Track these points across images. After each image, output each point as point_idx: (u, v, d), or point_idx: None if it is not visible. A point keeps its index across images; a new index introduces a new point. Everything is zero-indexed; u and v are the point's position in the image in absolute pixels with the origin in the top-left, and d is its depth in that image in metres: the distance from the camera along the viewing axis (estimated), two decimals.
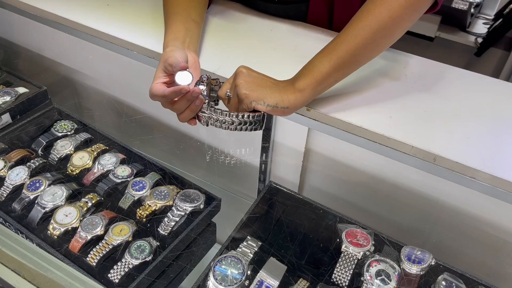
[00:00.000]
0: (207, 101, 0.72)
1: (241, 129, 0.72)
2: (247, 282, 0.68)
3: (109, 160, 0.91)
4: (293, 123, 0.85)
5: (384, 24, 0.67)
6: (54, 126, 1.00)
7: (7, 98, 1.05)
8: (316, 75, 0.70)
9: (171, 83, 0.72)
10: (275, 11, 1.01)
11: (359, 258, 0.72)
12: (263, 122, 0.73)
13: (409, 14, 0.68)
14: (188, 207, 0.81)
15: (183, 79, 0.70)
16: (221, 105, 0.77)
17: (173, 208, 0.82)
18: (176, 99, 0.72)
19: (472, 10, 1.84)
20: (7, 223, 0.81)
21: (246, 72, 0.72)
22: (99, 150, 0.94)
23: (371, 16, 0.67)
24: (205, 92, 0.72)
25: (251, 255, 0.73)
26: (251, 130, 0.73)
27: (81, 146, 0.96)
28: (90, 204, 0.82)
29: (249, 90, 0.70)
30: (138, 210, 0.82)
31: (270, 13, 1.02)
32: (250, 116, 0.71)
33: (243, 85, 0.70)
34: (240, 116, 0.70)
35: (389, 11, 0.66)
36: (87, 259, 0.74)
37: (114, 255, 0.75)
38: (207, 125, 0.73)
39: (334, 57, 0.70)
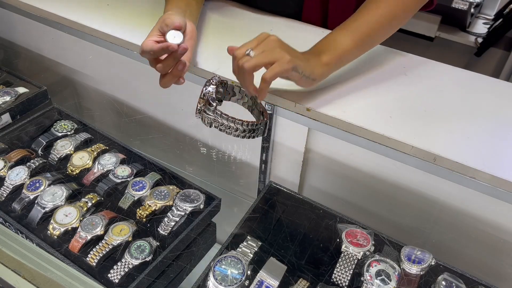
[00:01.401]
0: (215, 104, 0.72)
1: (243, 137, 0.72)
2: (247, 282, 0.68)
3: (109, 160, 0.91)
4: (293, 123, 0.85)
5: None
6: (54, 126, 1.00)
7: (7, 98, 1.05)
8: (339, 52, 0.73)
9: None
10: (273, 7, 1.01)
11: (359, 258, 0.72)
12: (265, 129, 0.74)
13: None
14: (188, 207, 0.81)
15: (174, 38, 0.72)
16: (224, 109, 0.77)
17: (173, 208, 0.82)
18: (163, 58, 0.73)
19: (472, 10, 1.84)
20: (7, 223, 0.81)
21: (279, 39, 0.69)
22: (99, 150, 0.94)
23: None
24: (213, 94, 0.72)
25: (251, 255, 0.73)
26: (253, 137, 0.73)
27: (81, 146, 0.96)
28: (90, 204, 0.82)
29: (288, 54, 0.67)
30: (138, 210, 0.82)
31: (267, 9, 1.02)
32: (255, 124, 0.71)
33: (281, 46, 0.68)
34: (245, 124, 0.70)
35: None
36: (87, 259, 0.74)
37: (114, 255, 0.75)
38: (210, 127, 0.73)
39: (357, 35, 0.73)
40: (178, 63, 0.75)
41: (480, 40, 1.92)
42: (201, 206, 0.83)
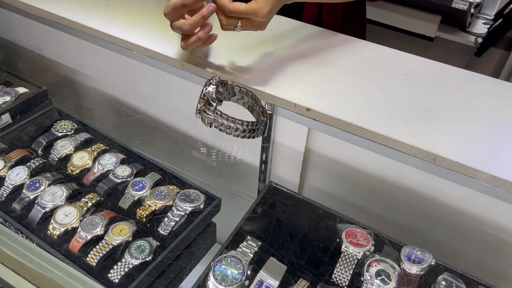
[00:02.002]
0: (215, 104, 0.72)
1: (243, 137, 0.72)
2: (247, 282, 0.68)
3: (109, 160, 0.91)
4: (293, 123, 0.85)
5: None
6: (54, 126, 1.00)
7: (7, 98, 1.05)
8: None
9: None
10: None
11: (359, 258, 0.72)
12: (265, 129, 0.74)
13: None
14: (188, 207, 0.81)
15: None
16: (224, 109, 0.77)
17: (173, 208, 0.82)
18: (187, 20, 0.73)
19: (472, 10, 1.84)
20: (7, 223, 0.81)
21: (267, 21, 0.75)
22: (99, 150, 0.94)
23: None
24: (214, 95, 0.72)
25: (251, 255, 0.73)
26: (253, 137, 0.73)
27: (81, 146, 0.96)
28: (90, 204, 0.82)
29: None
30: (138, 210, 0.82)
31: None
32: (255, 124, 0.71)
33: (264, 26, 0.75)
34: (245, 124, 0.70)
35: None
36: (87, 259, 0.74)
37: (114, 255, 0.75)
38: (210, 127, 0.73)
39: None
40: (206, 26, 0.73)
41: (480, 40, 1.92)
42: (201, 206, 0.83)
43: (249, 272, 0.69)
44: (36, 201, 0.81)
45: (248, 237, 0.76)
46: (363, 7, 1.15)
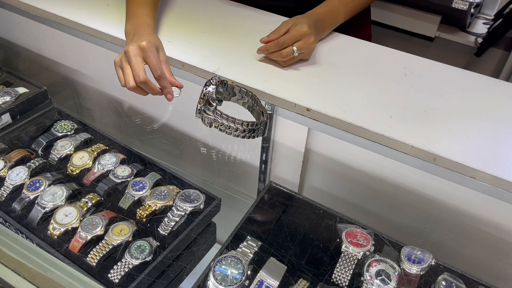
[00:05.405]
0: (215, 104, 0.72)
1: (243, 137, 0.72)
2: (247, 282, 0.68)
3: (109, 160, 0.91)
4: (293, 123, 0.85)
5: None
6: (54, 126, 1.00)
7: (7, 98, 1.05)
8: (333, 26, 0.94)
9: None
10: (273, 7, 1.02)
11: (359, 258, 0.72)
12: (265, 129, 0.74)
13: None
14: (188, 207, 0.81)
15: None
16: (224, 109, 0.77)
17: (173, 208, 0.82)
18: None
19: (472, 10, 1.84)
20: (7, 223, 0.81)
21: (315, 39, 0.85)
22: (99, 150, 0.94)
23: None
24: (214, 95, 0.72)
25: (251, 255, 0.73)
26: (253, 137, 0.73)
27: (81, 146, 0.96)
28: (90, 204, 0.82)
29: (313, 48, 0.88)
30: (138, 210, 0.82)
31: (267, 8, 1.02)
32: (255, 124, 0.71)
33: (314, 45, 0.86)
34: (245, 124, 0.70)
35: None
36: (87, 259, 0.74)
37: (114, 255, 0.75)
38: (210, 127, 0.73)
39: (350, 11, 0.94)
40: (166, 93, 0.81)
41: (480, 40, 1.92)
42: (201, 206, 0.83)
43: (249, 272, 0.69)
44: (36, 201, 0.81)
45: (248, 237, 0.76)
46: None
